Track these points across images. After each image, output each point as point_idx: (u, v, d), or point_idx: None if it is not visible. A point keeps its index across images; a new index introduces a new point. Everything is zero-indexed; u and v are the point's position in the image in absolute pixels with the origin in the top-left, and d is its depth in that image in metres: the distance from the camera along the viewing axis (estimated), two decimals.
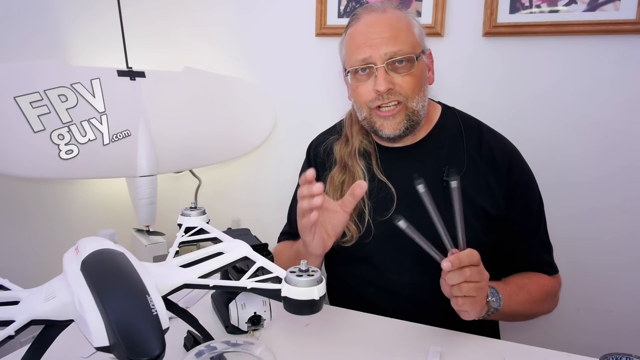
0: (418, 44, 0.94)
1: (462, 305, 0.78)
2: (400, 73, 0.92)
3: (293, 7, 1.57)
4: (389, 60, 0.91)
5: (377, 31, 0.92)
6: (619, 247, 1.31)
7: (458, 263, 0.75)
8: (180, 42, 1.74)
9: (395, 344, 0.82)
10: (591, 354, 0.77)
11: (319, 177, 1.07)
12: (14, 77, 1.24)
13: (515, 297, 0.90)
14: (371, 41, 0.91)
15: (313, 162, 1.11)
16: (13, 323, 0.53)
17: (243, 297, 0.83)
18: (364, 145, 1.03)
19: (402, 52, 0.91)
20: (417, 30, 0.95)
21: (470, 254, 0.77)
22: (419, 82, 0.94)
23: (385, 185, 0.99)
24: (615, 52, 1.24)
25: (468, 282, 0.76)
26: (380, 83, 0.91)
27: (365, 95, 0.94)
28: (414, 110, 0.94)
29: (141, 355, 0.47)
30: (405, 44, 0.91)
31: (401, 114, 0.94)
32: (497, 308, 0.84)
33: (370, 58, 0.91)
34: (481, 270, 0.78)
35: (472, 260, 0.77)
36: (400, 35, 0.91)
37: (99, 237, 0.65)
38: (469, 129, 1.01)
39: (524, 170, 1.00)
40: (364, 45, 0.92)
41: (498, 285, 0.87)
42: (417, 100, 0.94)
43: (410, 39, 0.93)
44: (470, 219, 0.95)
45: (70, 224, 1.55)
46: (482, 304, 0.79)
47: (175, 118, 1.51)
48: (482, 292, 0.78)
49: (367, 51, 0.91)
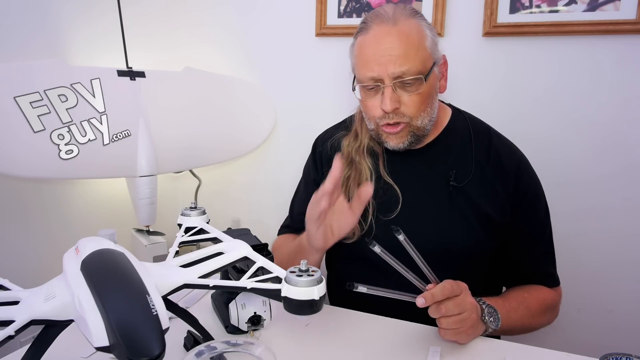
0: (429, 57, 0.91)
1: (446, 336, 0.79)
2: (408, 92, 0.90)
3: (293, 7, 1.57)
4: (397, 81, 0.89)
5: (386, 48, 0.88)
6: (619, 247, 1.31)
7: (431, 298, 0.76)
8: (180, 42, 1.74)
9: (395, 344, 0.82)
10: (591, 354, 0.77)
11: (325, 173, 1.07)
12: (14, 77, 1.24)
13: (514, 313, 0.90)
14: (380, 59, 0.88)
15: (318, 158, 1.10)
16: (13, 323, 0.53)
17: (243, 297, 0.83)
18: (372, 144, 1.03)
19: (410, 73, 0.88)
20: (429, 42, 0.91)
21: (443, 288, 0.77)
22: (426, 100, 0.92)
23: (391, 187, 0.99)
24: (615, 52, 1.24)
25: (446, 316, 0.77)
26: (386, 103, 0.89)
27: (373, 110, 0.94)
28: (419, 127, 0.94)
29: (141, 355, 0.47)
30: (415, 62, 0.88)
31: (404, 131, 0.94)
32: (495, 328, 0.84)
33: (379, 76, 0.89)
34: (461, 302, 0.78)
35: (447, 293, 0.77)
36: (410, 53, 0.88)
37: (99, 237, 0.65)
38: (479, 134, 1.01)
39: (532, 178, 0.99)
40: (373, 62, 0.89)
41: (497, 303, 0.87)
42: (422, 118, 0.93)
43: (421, 54, 0.89)
44: (474, 225, 0.95)
45: (70, 224, 1.55)
46: (468, 333, 0.79)
47: (175, 118, 1.51)
48: (466, 323, 0.78)
49: (375, 69, 0.89)
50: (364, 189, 0.84)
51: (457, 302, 0.77)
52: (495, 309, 0.85)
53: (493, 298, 0.90)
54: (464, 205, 0.96)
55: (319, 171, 1.09)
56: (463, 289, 0.79)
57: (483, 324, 0.83)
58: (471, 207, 0.95)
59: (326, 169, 1.06)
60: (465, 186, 0.96)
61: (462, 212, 0.95)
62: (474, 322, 0.80)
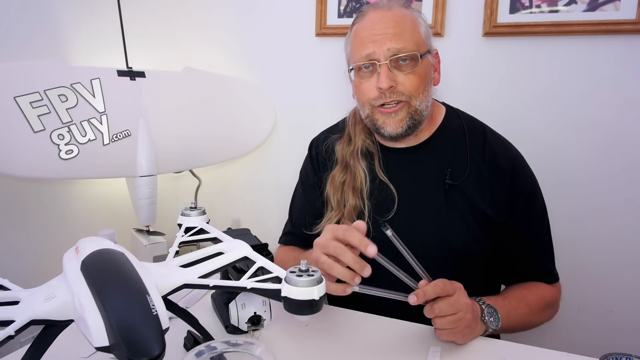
0: (423, 43, 0.93)
1: (442, 337, 0.79)
2: (404, 71, 0.91)
3: (293, 7, 1.57)
4: (393, 57, 0.90)
5: (381, 27, 0.91)
6: (619, 247, 1.31)
7: (423, 296, 0.75)
8: (180, 42, 1.75)
9: (395, 344, 0.82)
10: (591, 354, 0.77)
11: (319, 177, 1.07)
12: (14, 77, 1.24)
13: (514, 311, 0.90)
14: (375, 37, 0.90)
15: (315, 160, 1.10)
16: (13, 323, 0.53)
17: (243, 297, 0.83)
18: (366, 145, 1.03)
19: (405, 50, 0.90)
20: (423, 29, 0.94)
21: (435, 286, 0.76)
22: (423, 81, 0.93)
23: (387, 186, 0.99)
24: (615, 52, 1.24)
25: (440, 317, 0.76)
26: (383, 80, 0.90)
27: (368, 92, 0.93)
28: (417, 109, 0.93)
29: (141, 355, 0.47)
30: (410, 42, 0.90)
31: (403, 111, 0.93)
32: (495, 328, 0.84)
33: (374, 54, 0.90)
34: (454, 302, 0.77)
35: (439, 291, 0.76)
36: (405, 33, 0.90)
37: (99, 237, 0.65)
38: (473, 132, 1.00)
39: (528, 176, 0.99)
40: (368, 41, 0.91)
41: (497, 302, 0.87)
42: (420, 100, 0.93)
43: (416, 37, 0.92)
44: (471, 224, 0.95)
45: (70, 224, 1.55)
46: (464, 333, 0.79)
47: (175, 118, 1.51)
48: (461, 323, 0.77)
49: (370, 47, 0.90)
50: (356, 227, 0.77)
51: (450, 302, 0.77)
52: (495, 309, 0.85)
53: (493, 297, 0.89)
54: (460, 203, 0.95)
55: (316, 173, 1.09)
56: (457, 289, 0.78)
57: (483, 324, 0.83)
58: (467, 205, 0.95)
59: (322, 172, 1.06)
60: (461, 184, 0.96)
61: (458, 210, 0.95)
62: (470, 322, 0.79)
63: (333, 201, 1.01)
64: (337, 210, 1.00)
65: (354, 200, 0.99)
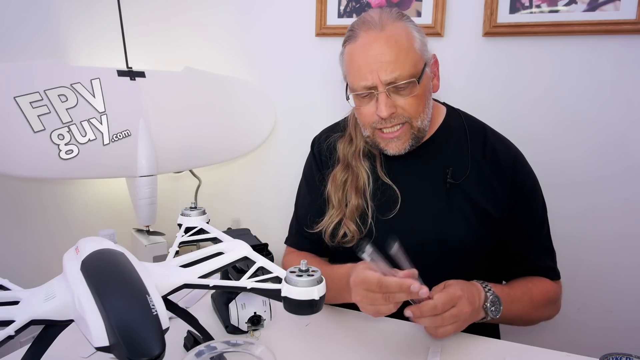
0: (420, 59, 0.90)
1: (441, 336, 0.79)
2: (403, 95, 0.90)
3: (293, 7, 1.57)
4: (390, 87, 0.89)
5: (376, 54, 0.88)
6: (619, 247, 1.31)
7: (419, 314, 0.75)
8: (180, 42, 1.74)
9: (395, 344, 0.82)
10: (591, 354, 0.77)
11: (322, 174, 1.07)
12: (14, 77, 1.24)
13: (517, 302, 0.90)
14: (371, 66, 0.88)
15: (317, 157, 1.10)
16: (13, 323, 0.53)
17: (243, 297, 0.83)
18: (368, 147, 1.03)
19: (403, 77, 0.88)
20: (418, 44, 0.90)
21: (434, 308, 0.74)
22: (423, 101, 0.92)
23: (389, 187, 0.99)
24: (615, 52, 1.24)
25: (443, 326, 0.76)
26: (382, 109, 0.89)
27: (369, 117, 0.93)
28: (419, 128, 0.93)
29: (141, 355, 0.47)
30: (407, 66, 0.88)
31: (406, 134, 0.93)
32: (493, 317, 0.84)
33: (372, 84, 0.89)
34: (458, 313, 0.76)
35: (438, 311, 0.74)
36: (400, 58, 0.87)
37: (99, 237, 0.65)
38: (474, 131, 1.01)
39: (528, 174, 1.00)
40: (365, 70, 0.89)
41: (502, 291, 0.87)
42: (421, 119, 0.93)
43: (412, 57, 0.89)
44: (473, 222, 0.95)
45: (70, 224, 1.55)
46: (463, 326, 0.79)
47: (175, 118, 1.51)
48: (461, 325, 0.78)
49: (368, 77, 0.89)
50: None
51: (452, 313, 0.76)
52: (498, 298, 0.85)
53: (499, 285, 0.90)
54: (461, 202, 0.96)
55: (320, 169, 1.09)
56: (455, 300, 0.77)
57: (482, 311, 0.83)
58: (469, 203, 0.96)
59: (324, 170, 1.07)
60: (462, 183, 0.96)
61: (460, 209, 0.96)
62: (467, 317, 0.79)
63: (334, 200, 1.01)
64: (338, 209, 1.00)
65: (357, 200, 0.99)
